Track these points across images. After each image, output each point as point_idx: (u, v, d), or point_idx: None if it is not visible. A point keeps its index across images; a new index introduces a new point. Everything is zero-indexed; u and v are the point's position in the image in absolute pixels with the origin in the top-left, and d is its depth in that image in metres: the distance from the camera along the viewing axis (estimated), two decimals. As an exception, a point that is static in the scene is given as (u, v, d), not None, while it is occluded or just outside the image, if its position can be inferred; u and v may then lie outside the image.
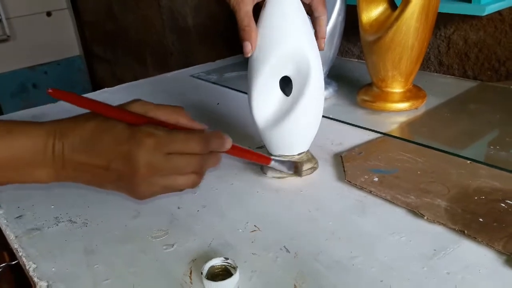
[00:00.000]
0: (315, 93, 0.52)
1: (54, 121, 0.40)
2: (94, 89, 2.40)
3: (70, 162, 0.39)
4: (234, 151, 0.46)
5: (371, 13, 0.68)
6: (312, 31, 0.52)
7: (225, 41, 1.43)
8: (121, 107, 0.41)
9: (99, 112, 0.40)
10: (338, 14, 0.71)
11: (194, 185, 0.42)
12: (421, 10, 0.62)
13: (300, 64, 0.51)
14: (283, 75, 0.51)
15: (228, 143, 0.44)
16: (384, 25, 0.65)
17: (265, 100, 0.52)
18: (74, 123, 0.40)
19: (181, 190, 0.43)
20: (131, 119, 0.40)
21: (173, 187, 0.41)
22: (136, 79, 1.01)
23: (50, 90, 0.39)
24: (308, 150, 0.56)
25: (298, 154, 0.55)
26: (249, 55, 0.50)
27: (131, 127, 0.39)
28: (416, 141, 0.61)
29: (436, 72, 0.93)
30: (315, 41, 0.52)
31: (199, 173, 0.42)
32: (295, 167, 0.53)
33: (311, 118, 0.53)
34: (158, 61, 1.83)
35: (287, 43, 0.49)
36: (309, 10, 0.53)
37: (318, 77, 0.52)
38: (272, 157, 0.51)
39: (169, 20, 1.65)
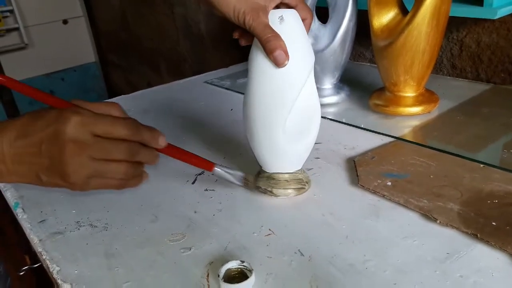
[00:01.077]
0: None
1: None
2: (110, 95, 2.44)
3: (9, 155, 0.40)
4: (172, 151, 0.47)
5: (382, 19, 0.69)
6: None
7: (237, 47, 1.44)
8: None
9: (36, 97, 0.43)
10: (350, 20, 0.72)
11: (128, 176, 0.42)
12: (432, 14, 0.62)
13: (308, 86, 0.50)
14: None
15: (162, 140, 0.44)
16: (395, 30, 0.66)
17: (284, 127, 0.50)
18: (12, 119, 0.42)
19: (118, 185, 0.43)
20: (64, 105, 0.43)
21: (105, 173, 0.41)
22: (150, 85, 1.03)
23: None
24: (301, 170, 0.54)
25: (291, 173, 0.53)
26: (286, 63, 0.46)
27: (59, 109, 0.41)
28: (429, 145, 0.61)
29: (449, 75, 0.94)
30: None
31: (132, 164, 0.42)
32: (244, 179, 0.52)
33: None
34: (172, 68, 1.85)
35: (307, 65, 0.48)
36: None
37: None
38: (216, 164, 0.51)
39: (182, 27, 1.67)
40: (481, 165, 0.55)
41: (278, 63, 0.46)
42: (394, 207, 0.49)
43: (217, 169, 0.51)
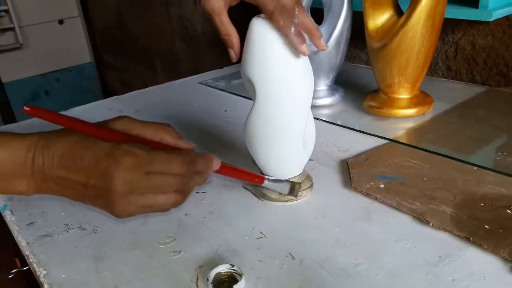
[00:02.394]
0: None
1: (37, 134, 0.40)
2: (105, 95, 2.43)
3: (50, 176, 0.39)
4: (225, 170, 0.45)
5: (377, 20, 0.68)
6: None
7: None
8: (104, 124, 0.42)
9: (79, 130, 0.40)
10: (345, 21, 0.71)
11: (176, 204, 0.41)
12: (427, 16, 0.62)
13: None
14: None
15: (216, 164, 0.43)
16: (390, 31, 0.66)
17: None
18: (56, 137, 0.40)
19: (164, 210, 0.42)
20: (112, 137, 0.40)
21: (154, 206, 0.40)
22: (146, 86, 1.03)
23: (27, 108, 0.39)
24: (303, 171, 0.54)
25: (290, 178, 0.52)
26: (234, 61, 0.48)
27: (111, 145, 0.39)
28: (423, 147, 0.61)
29: (444, 77, 0.93)
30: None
31: (182, 192, 0.41)
32: (291, 188, 0.50)
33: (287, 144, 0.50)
34: (167, 68, 1.85)
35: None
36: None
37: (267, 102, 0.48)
38: (266, 177, 0.50)
39: (178, 28, 1.67)
40: (475, 168, 0.55)
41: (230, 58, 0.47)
42: (387, 209, 0.49)
43: (267, 182, 0.50)
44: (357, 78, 0.92)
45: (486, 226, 0.44)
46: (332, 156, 0.61)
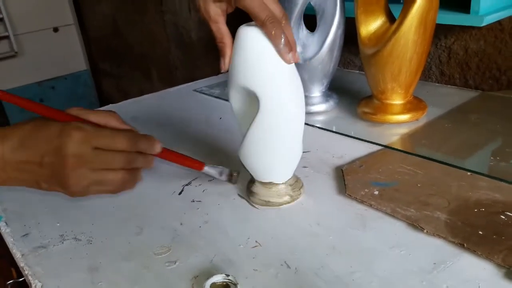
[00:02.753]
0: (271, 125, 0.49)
1: None
2: (101, 103, 2.43)
3: (10, 163, 0.42)
4: (166, 154, 0.50)
5: (369, 27, 0.69)
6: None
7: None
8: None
9: (36, 111, 0.45)
10: (338, 28, 0.72)
11: (125, 182, 0.45)
12: (419, 23, 0.62)
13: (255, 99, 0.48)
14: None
15: (158, 146, 0.47)
16: (383, 38, 0.66)
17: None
18: (12, 127, 0.43)
19: (114, 190, 0.45)
20: (65, 118, 0.45)
21: (104, 183, 0.44)
22: (142, 93, 1.03)
23: None
24: (292, 179, 0.54)
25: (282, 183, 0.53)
26: (224, 70, 0.49)
27: (62, 123, 0.43)
28: (417, 153, 0.61)
29: (438, 82, 0.94)
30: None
31: (129, 171, 0.45)
32: (229, 175, 0.55)
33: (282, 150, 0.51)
34: (163, 75, 1.85)
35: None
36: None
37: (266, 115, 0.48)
38: (206, 164, 0.54)
39: (173, 35, 1.67)
40: (468, 173, 0.55)
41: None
42: (381, 216, 0.49)
43: (206, 168, 0.54)
44: (351, 84, 0.93)
45: (480, 232, 0.44)
46: (327, 163, 0.62)
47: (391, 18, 0.69)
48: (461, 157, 0.60)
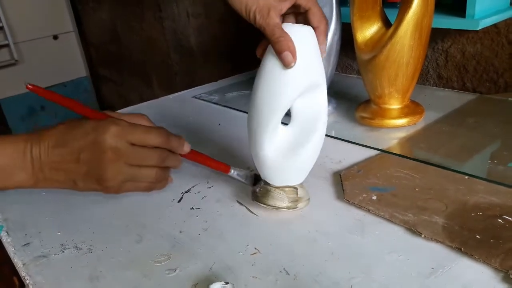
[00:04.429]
0: (324, 131, 0.53)
1: (30, 131, 0.46)
2: (101, 109, 2.43)
3: (46, 163, 0.44)
4: (194, 156, 0.52)
5: (365, 32, 0.69)
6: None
7: (227, 60, 1.45)
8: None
9: (70, 106, 0.45)
10: (334, 34, 0.72)
11: (158, 179, 0.47)
12: (414, 27, 0.63)
13: (312, 97, 0.50)
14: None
15: (187, 146, 0.49)
16: (379, 43, 0.67)
17: (272, 136, 0.50)
18: (47, 129, 0.45)
19: (147, 187, 0.47)
20: (98, 116, 0.46)
21: (138, 178, 0.46)
22: (142, 99, 1.04)
23: (30, 86, 0.44)
24: (301, 186, 0.53)
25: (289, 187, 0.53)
26: (292, 65, 0.46)
27: (97, 120, 0.44)
28: (414, 157, 0.61)
29: (436, 85, 0.94)
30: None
31: (162, 169, 0.47)
32: (254, 179, 0.55)
33: (317, 152, 0.53)
34: (163, 81, 1.86)
35: (307, 76, 0.48)
36: (306, 20, 0.50)
37: (326, 116, 0.53)
38: (232, 167, 0.55)
39: (172, 41, 1.68)
40: (466, 177, 0.56)
41: (285, 63, 0.46)
42: (380, 221, 0.49)
43: (232, 171, 0.55)
44: (349, 88, 0.93)
45: (478, 236, 0.45)
46: (325, 168, 0.62)
47: (387, 24, 0.69)
48: (458, 160, 0.60)
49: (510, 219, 0.47)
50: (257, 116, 0.49)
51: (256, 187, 0.54)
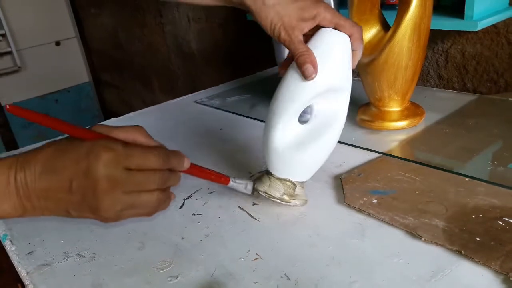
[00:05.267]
0: (339, 131, 0.54)
1: (15, 155, 0.41)
2: (104, 114, 2.44)
3: (34, 191, 0.39)
4: (193, 170, 0.48)
5: (364, 36, 0.69)
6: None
7: (228, 64, 1.46)
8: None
9: (57, 128, 0.41)
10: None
11: (160, 203, 0.43)
12: (412, 30, 0.63)
13: (333, 100, 0.53)
14: (309, 105, 0.52)
15: (187, 162, 0.46)
16: (378, 46, 0.67)
17: (286, 126, 0.52)
18: (34, 152, 0.40)
19: (149, 213, 0.43)
20: (90, 136, 0.41)
21: (138, 205, 0.41)
22: (144, 103, 1.04)
23: (8, 107, 0.39)
24: (302, 184, 0.55)
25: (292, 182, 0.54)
26: (313, 76, 0.49)
27: (89, 143, 0.40)
28: (414, 160, 0.61)
29: (436, 86, 0.94)
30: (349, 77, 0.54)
31: (163, 191, 0.43)
32: (253, 188, 0.55)
33: (327, 152, 0.54)
34: (165, 86, 1.86)
35: (329, 79, 0.51)
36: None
37: (344, 121, 0.54)
38: (232, 178, 0.54)
39: (173, 46, 1.69)
40: (467, 179, 0.56)
41: (306, 75, 0.49)
42: (380, 225, 0.49)
43: (232, 183, 0.54)
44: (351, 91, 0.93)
45: (478, 239, 0.45)
46: (326, 172, 0.62)
47: (385, 27, 0.70)
48: (459, 162, 0.60)
49: (511, 221, 0.47)
50: (274, 107, 0.51)
51: (258, 174, 0.54)
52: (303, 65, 0.48)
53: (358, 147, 0.68)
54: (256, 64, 0.50)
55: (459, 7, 0.73)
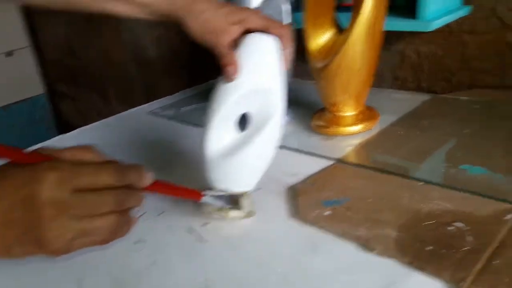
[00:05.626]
0: (274, 133, 0.52)
1: None
2: (59, 127, 2.35)
3: None
4: (159, 187, 0.43)
5: (318, 40, 0.68)
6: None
7: (185, 72, 1.42)
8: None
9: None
10: (284, 43, 0.71)
11: (117, 228, 0.37)
12: (366, 33, 0.62)
13: (263, 102, 0.51)
14: (243, 111, 0.52)
15: (149, 177, 0.40)
16: (332, 51, 0.66)
17: (220, 134, 0.51)
18: None
19: (105, 240, 0.37)
20: (32, 160, 0.36)
21: (91, 231, 0.36)
22: (101, 114, 1.00)
23: None
24: (246, 195, 0.53)
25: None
26: (233, 77, 0.50)
27: (30, 167, 0.35)
28: (368, 166, 0.60)
29: (392, 86, 0.94)
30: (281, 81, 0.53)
31: (121, 214, 0.37)
32: (233, 200, 0.52)
33: (263, 157, 0.53)
34: (122, 95, 1.81)
35: (252, 80, 0.51)
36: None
37: (279, 121, 0.53)
38: (204, 193, 0.50)
39: (130, 53, 1.64)
40: (420, 183, 0.55)
41: (227, 76, 0.50)
42: (333, 239, 0.48)
43: (206, 198, 0.50)
44: (306, 95, 0.91)
45: (430, 247, 0.44)
46: (280, 183, 0.60)
47: (340, 30, 0.68)
48: (413, 166, 0.60)
49: (462, 225, 0.46)
50: (205, 119, 0.51)
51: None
52: (224, 67, 0.50)
53: (313, 154, 0.66)
54: (212, 71, 0.50)
55: (413, 7, 0.72)
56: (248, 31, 0.53)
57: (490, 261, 0.41)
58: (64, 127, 2.30)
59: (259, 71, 0.51)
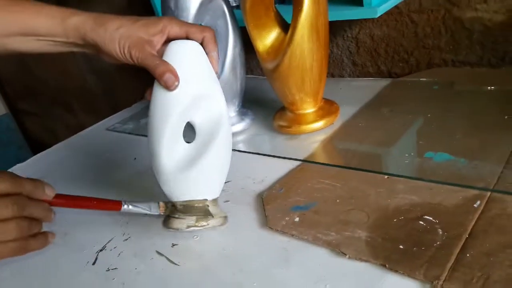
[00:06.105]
0: (225, 139, 0.51)
1: None
2: (30, 145, 2.28)
3: None
4: (71, 201, 0.45)
5: (265, 41, 0.66)
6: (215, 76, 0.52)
7: (145, 77, 1.39)
8: None
9: None
10: (234, 46, 0.69)
11: (23, 233, 0.39)
12: (310, 30, 0.61)
13: (206, 108, 0.50)
14: (187, 121, 0.50)
15: (49, 189, 0.42)
16: (280, 50, 0.64)
17: (171, 147, 0.49)
18: None
19: (18, 249, 0.39)
20: None
21: None
22: (68, 128, 0.96)
23: None
24: (213, 202, 0.51)
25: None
26: (176, 84, 0.46)
27: None
28: (333, 164, 0.59)
29: (352, 73, 0.94)
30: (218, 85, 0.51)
31: (27, 221, 0.39)
32: (161, 207, 0.51)
33: (222, 162, 0.51)
34: (85, 106, 1.76)
35: (193, 88, 0.49)
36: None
37: (227, 124, 0.51)
38: (124, 201, 0.50)
39: (86, 64, 1.59)
40: (385, 177, 0.54)
41: (169, 85, 0.46)
42: (304, 246, 0.47)
43: (126, 207, 0.49)
44: (266, 93, 0.90)
45: (401, 246, 0.43)
46: (247, 191, 0.59)
47: (285, 27, 0.67)
48: (376, 159, 0.59)
49: (430, 218, 0.46)
50: (151, 135, 0.49)
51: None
52: (162, 76, 0.46)
53: (278, 157, 0.65)
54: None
55: (357, -6, 0.71)
56: (168, 40, 0.50)
57: (462, 253, 0.40)
58: (34, 145, 2.22)
59: (195, 78, 0.49)
